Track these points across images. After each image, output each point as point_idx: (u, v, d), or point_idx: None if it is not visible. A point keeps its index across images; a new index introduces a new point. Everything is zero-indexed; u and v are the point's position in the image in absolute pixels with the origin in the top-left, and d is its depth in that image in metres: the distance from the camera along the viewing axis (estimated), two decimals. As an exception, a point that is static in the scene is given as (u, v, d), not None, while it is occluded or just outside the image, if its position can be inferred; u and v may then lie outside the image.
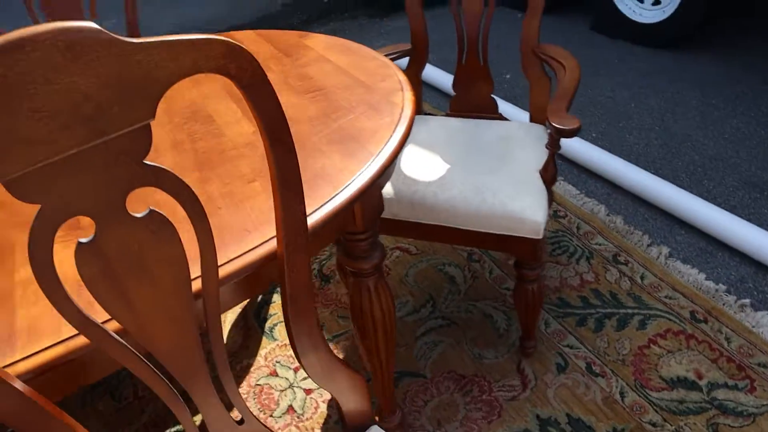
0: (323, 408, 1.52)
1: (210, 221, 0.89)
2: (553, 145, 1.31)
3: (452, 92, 1.68)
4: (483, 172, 1.38)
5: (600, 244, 1.86)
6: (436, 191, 1.35)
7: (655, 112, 2.50)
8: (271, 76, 1.28)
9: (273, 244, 0.82)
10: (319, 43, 1.40)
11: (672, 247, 1.83)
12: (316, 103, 1.14)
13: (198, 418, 1.55)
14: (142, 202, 0.83)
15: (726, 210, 1.85)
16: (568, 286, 1.73)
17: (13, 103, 0.49)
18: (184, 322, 0.68)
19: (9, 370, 0.72)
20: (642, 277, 1.73)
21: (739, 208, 1.95)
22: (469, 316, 1.69)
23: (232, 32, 1.55)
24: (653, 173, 2.07)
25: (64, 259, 0.83)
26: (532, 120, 1.61)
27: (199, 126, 1.15)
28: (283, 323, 1.77)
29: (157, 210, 0.60)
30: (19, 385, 0.60)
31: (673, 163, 2.19)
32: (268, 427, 0.83)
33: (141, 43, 0.52)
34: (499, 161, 1.42)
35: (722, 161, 2.16)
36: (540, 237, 1.30)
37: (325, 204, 0.87)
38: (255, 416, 0.83)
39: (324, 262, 1.96)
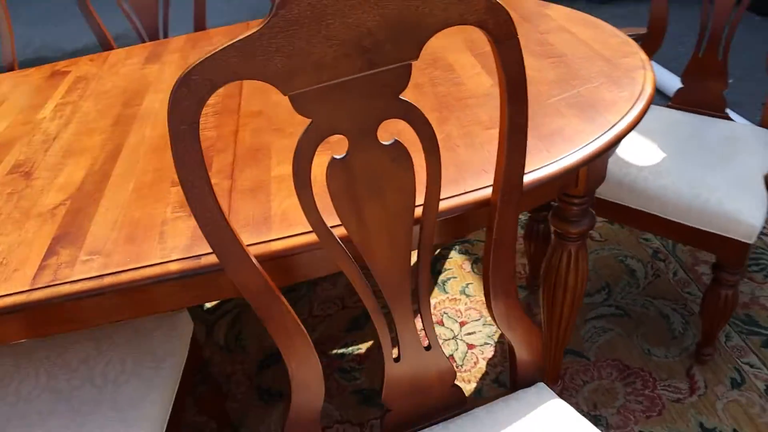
0: (482, 365, 1.59)
1: (448, 155, 0.98)
2: (788, 153, 1.24)
3: (668, 91, 1.62)
4: (701, 167, 1.35)
5: (805, 272, 1.73)
6: (648, 177, 1.34)
7: None
8: (508, 37, 1.33)
9: (488, 192, 0.88)
10: (559, 13, 1.43)
11: None
12: (556, 68, 1.17)
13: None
14: (387, 131, 0.93)
15: None
16: (759, 305, 1.64)
17: (313, 29, 0.59)
18: (402, 244, 0.77)
19: (264, 246, 0.86)
20: None
21: None
22: (644, 312, 1.66)
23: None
24: None
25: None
26: (762, 124, 1.53)
27: (440, 73, 1.23)
28: (457, 279, 1.86)
29: (400, 141, 0.69)
30: (256, 263, 0.72)
31: None
32: (448, 359, 0.91)
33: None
34: (720, 160, 1.37)
35: None
36: (752, 242, 1.25)
37: (560, 159, 0.92)
38: (440, 346, 0.90)
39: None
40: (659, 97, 2.62)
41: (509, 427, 0.89)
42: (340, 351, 1.71)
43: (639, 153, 1.41)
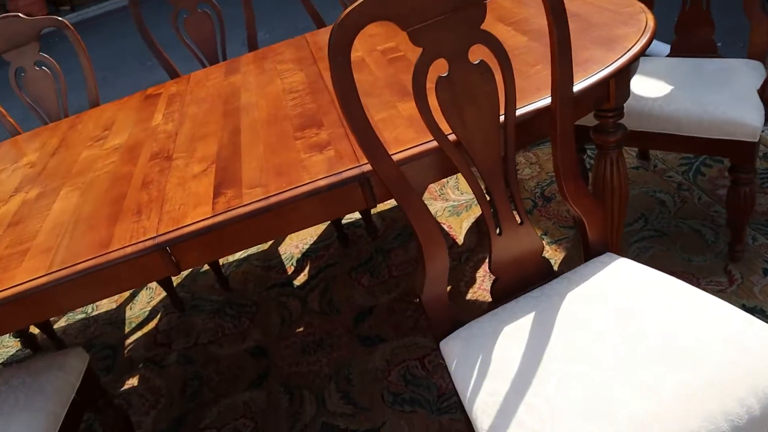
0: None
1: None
2: (774, 64, 1.51)
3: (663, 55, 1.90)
4: (704, 91, 1.62)
5: (813, 180, 1.98)
6: (662, 104, 1.62)
7: None
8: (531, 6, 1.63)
9: (548, 101, 1.15)
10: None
11: None
12: (576, 23, 1.46)
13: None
14: (474, 54, 1.22)
15: None
16: (777, 212, 1.89)
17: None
18: (493, 139, 1.04)
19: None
20: None
21: None
22: (678, 231, 1.91)
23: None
24: None
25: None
26: (749, 56, 1.80)
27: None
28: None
29: (485, 61, 0.97)
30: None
31: None
32: (536, 233, 1.17)
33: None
34: (719, 84, 1.64)
35: None
36: (756, 140, 1.51)
37: (593, 74, 1.20)
38: (529, 221, 1.16)
39: (545, 186, 2.28)
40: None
41: (593, 279, 1.14)
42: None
43: (651, 89, 1.68)
